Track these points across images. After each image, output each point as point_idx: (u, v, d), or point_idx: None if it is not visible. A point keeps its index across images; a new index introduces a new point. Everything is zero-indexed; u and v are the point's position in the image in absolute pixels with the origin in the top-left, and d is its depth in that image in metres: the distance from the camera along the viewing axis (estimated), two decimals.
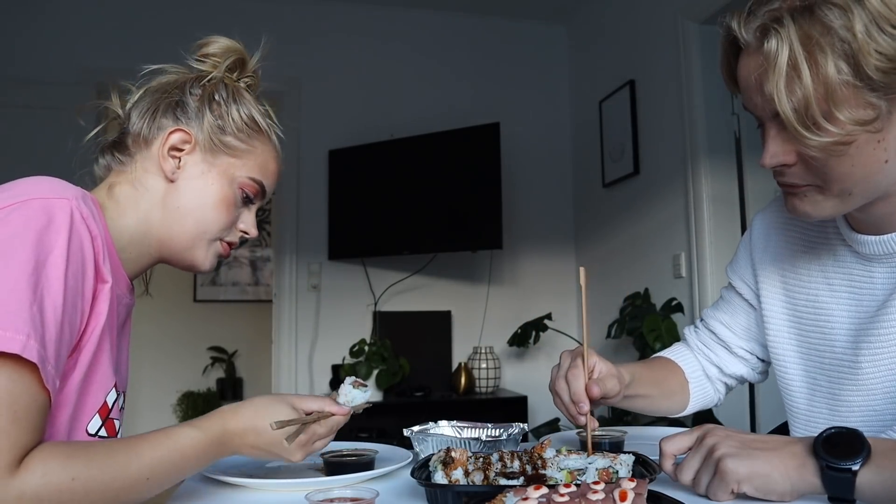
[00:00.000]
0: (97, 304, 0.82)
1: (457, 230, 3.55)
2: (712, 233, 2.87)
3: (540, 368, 3.95)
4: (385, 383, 3.48)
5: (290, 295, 3.72)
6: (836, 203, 0.84)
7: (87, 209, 0.80)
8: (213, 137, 0.96)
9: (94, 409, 0.85)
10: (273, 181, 1.04)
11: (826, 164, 0.80)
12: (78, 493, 0.70)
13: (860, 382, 0.94)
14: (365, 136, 3.73)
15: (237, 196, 0.98)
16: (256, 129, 1.00)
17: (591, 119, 3.81)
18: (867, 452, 0.73)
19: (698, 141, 2.91)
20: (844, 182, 0.81)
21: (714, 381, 1.22)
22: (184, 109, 0.96)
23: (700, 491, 0.80)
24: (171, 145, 0.94)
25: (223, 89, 0.99)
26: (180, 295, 5.18)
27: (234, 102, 0.98)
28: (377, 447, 1.07)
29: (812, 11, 0.75)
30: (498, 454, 0.83)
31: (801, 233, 1.04)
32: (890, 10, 0.72)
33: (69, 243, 0.76)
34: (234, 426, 0.84)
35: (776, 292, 1.07)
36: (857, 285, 0.95)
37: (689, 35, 2.95)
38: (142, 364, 4.82)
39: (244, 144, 0.98)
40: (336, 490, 0.74)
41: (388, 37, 3.95)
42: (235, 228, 1.01)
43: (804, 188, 0.85)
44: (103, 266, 0.83)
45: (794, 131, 0.77)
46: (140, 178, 0.95)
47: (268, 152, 1.02)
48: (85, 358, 0.81)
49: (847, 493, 0.73)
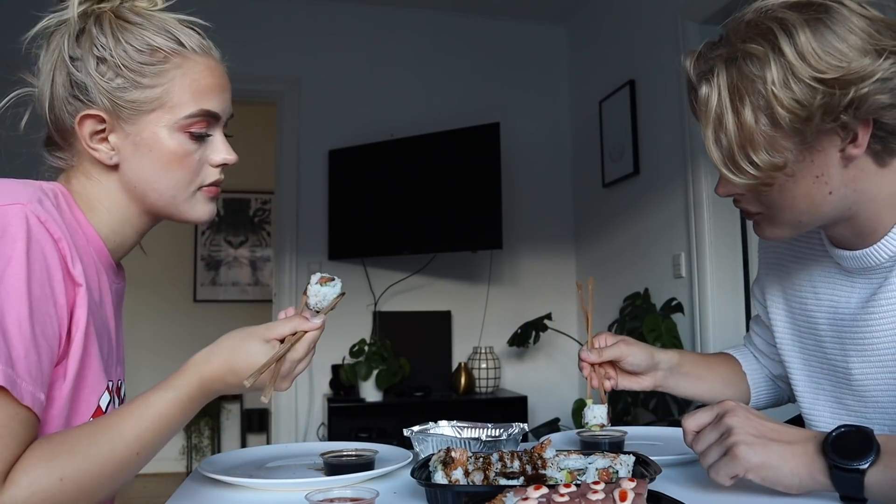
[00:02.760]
0: (75, 311, 0.78)
1: (457, 230, 3.55)
2: (712, 233, 2.87)
3: (540, 368, 3.95)
4: (385, 383, 3.48)
5: (290, 295, 3.71)
6: (790, 230, 0.91)
7: (44, 211, 0.75)
8: (119, 104, 0.83)
9: (88, 414, 0.82)
10: (219, 94, 0.88)
11: (770, 197, 0.87)
12: (70, 490, 0.69)
13: (856, 389, 0.97)
14: (365, 136, 3.73)
15: (185, 143, 0.86)
16: (161, 55, 0.83)
17: (591, 119, 3.81)
18: (876, 452, 0.74)
19: (698, 141, 2.90)
20: (789, 212, 0.88)
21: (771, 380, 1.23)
22: (78, 86, 0.83)
23: (705, 465, 0.82)
24: (89, 133, 0.84)
25: (99, 32, 0.82)
26: (180, 295, 5.17)
27: (118, 40, 0.82)
28: (377, 447, 1.07)
29: (737, 61, 0.81)
30: (498, 454, 0.83)
31: (795, 247, 1.07)
32: (804, 62, 0.77)
33: (28, 251, 0.71)
34: (209, 374, 0.80)
35: (779, 304, 1.10)
36: (839, 297, 0.98)
37: (689, 35, 2.95)
38: (141, 364, 4.81)
39: (157, 87, 0.83)
40: (336, 490, 0.74)
41: (389, 37, 3.95)
42: (209, 167, 0.90)
43: (756, 215, 0.93)
44: (73, 269, 0.77)
45: (721, 172, 0.85)
46: (89, 171, 0.87)
47: (192, 71, 0.85)
48: (72, 366, 0.78)
49: (857, 493, 0.74)
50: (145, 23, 0.84)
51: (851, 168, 0.84)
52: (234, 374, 0.80)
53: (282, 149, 3.81)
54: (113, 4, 0.85)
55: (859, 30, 0.78)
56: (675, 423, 1.88)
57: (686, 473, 0.95)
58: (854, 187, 0.85)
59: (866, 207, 0.88)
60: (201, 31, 0.88)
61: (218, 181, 0.91)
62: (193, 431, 5.01)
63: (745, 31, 0.82)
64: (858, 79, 0.77)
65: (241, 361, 0.80)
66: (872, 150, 0.83)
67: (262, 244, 5.36)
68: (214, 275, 5.29)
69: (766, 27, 0.80)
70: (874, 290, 0.92)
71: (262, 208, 5.36)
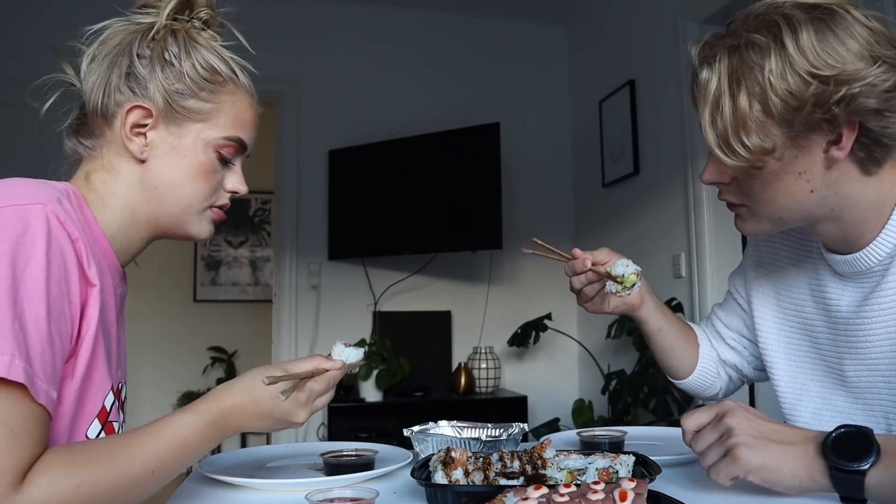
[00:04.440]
0: (87, 310, 0.80)
1: (457, 230, 3.55)
2: (712, 233, 2.87)
3: (540, 368, 3.95)
4: (385, 383, 3.48)
5: (289, 295, 3.72)
6: (770, 224, 0.93)
7: (63, 211, 0.76)
8: (173, 106, 0.88)
9: (94, 414, 0.83)
10: (252, 131, 0.95)
11: (752, 189, 0.89)
12: (84, 498, 0.70)
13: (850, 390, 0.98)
14: (365, 136, 3.73)
15: (214, 161, 0.91)
16: (220, 79, 0.90)
17: (591, 119, 3.81)
18: (876, 453, 0.74)
19: (698, 141, 2.91)
20: (770, 207, 0.90)
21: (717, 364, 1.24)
22: (136, 79, 0.87)
23: (705, 466, 0.82)
24: (132, 123, 0.87)
25: (172, 42, 0.89)
26: (180, 295, 5.17)
27: (189, 54, 0.89)
28: (377, 447, 1.07)
29: (740, 49, 0.85)
30: (498, 454, 0.83)
31: (793, 249, 1.09)
32: (803, 57, 0.81)
33: (48, 251, 0.73)
34: (229, 403, 0.82)
35: (769, 303, 1.12)
36: (834, 300, 0.99)
37: (689, 35, 2.94)
38: (142, 364, 4.82)
39: (209, 103, 0.90)
40: (336, 490, 0.74)
41: (389, 37, 3.95)
42: (223, 191, 0.95)
43: (739, 207, 0.95)
44: (88, 269, 0.79)
45: (714, 153, 0.87)
46: (113, 163, 0.89)
47: (239, 101, 0.92)
48: (81, 364, 0.79)
49: (857, 493, 0.75)
50: (210, 48, 0.91)
51: (834, 170, 0.87)
52: (255, 403, 0.83)
53: (282, 149, 3.81)
54: (185, 26, 0.91)
55: (860, 36, 0.82)
56: (675, 423, 1.88)
57: (686, 473, 0.96)
58: (836, 190, 0.88)
59: (850, 211, 0.90)
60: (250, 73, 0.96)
61: (224, 206, 0.96)
62: None
63: (752, 22, 0.86)
64: (851, 79, 0.80)
65: (261, 391, 0.83)
66: (856, 156, 0.86)
67: (262, 244, 5.36)
68: (214, 275, 5.28)
69: (773, 20, 0.84)
70: (867, 294, 0.94)
71: (262, 208, 5.36)
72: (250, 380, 0.84)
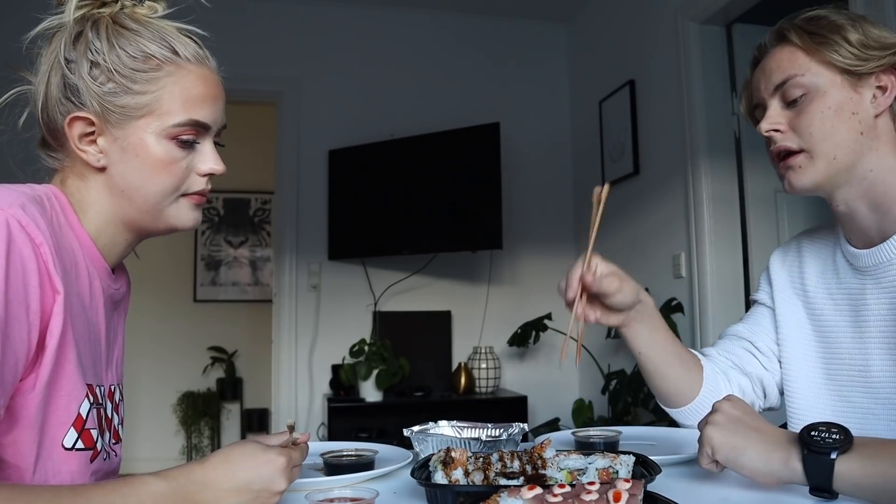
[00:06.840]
0: (52, 319, 0.75)
1: (457, 230, 3.55)
2: (712, 233, 2.87)
3: (540, 368, 3.95)
4: (385, 383, 3.48)
5: (289, 295, 3.72)
6: (825, 168, 0.98)
7: (27, 216, 0.73)
8: (109, 108, 0.83)
9: (68, 423, 0.79)
10: (210, 104, 0.88)
11: (812, 125, 0.97)
12: None
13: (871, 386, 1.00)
14: (365, 136, 3.73)
15: (173, 151, 0.86)
16: (155, 63, 0.84)
17: (591, 119, 3.81)
18: (849, 443, 0.76)
19: (698, 141, 2.91)
20: (828, 143, 0.97)
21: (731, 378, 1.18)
22: (71, 88, 0.83)
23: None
24: (78, 135, 0.84)
25: (95, 36, 0.83)
26: (180, 295, 5.18)
27: (113, 46, 0.83)
28: (377, 447, 1.07)
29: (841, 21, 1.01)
30: (498, 454, 0.83)
31: (814, 256, 1.13)
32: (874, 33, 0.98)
33: (7, 256, 0.70)
34: (199, 476, 0.72)
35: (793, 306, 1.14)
36: (854, 299, 1.03)
37: (689, 35, 2.95)
38: (142, 364, 4.82)
39: (147, 94, 0.83)
40: (336, 490, 0.74)
41: (389, 37, 3.95)
42: (195, 176, 0.89)
43: (796, 156, 0.99)
44: (54, 274, 0.75)
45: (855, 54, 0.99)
46: (82, 172, 0.86)
47: (183, 79, 0.85)
48: (44, 374, 0.75)
49: (826, 481, 0.75)
50: (142, 30, 0.85)
51: (879, 120, 0.98)
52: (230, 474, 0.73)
53: (282, 149, 3.81)
54: (112, 10, 0.85)
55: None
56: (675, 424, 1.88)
57: (683, 473, 0.96)
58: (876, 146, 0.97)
59: (883, 179, 0.97)
60: (199, 41, 0.88)
61: (203, 190, 0.91)
62: (193, 431, 5.02)
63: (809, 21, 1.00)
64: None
65: (236, 454, 0.75)
66: (893, 111, 0.98)
67: (262, 244, 5.37)
68: (214, 275, 5.29)
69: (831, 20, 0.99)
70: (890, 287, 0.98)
71: (262, 208, 5.36)
72: (225, 454, 0.75)
